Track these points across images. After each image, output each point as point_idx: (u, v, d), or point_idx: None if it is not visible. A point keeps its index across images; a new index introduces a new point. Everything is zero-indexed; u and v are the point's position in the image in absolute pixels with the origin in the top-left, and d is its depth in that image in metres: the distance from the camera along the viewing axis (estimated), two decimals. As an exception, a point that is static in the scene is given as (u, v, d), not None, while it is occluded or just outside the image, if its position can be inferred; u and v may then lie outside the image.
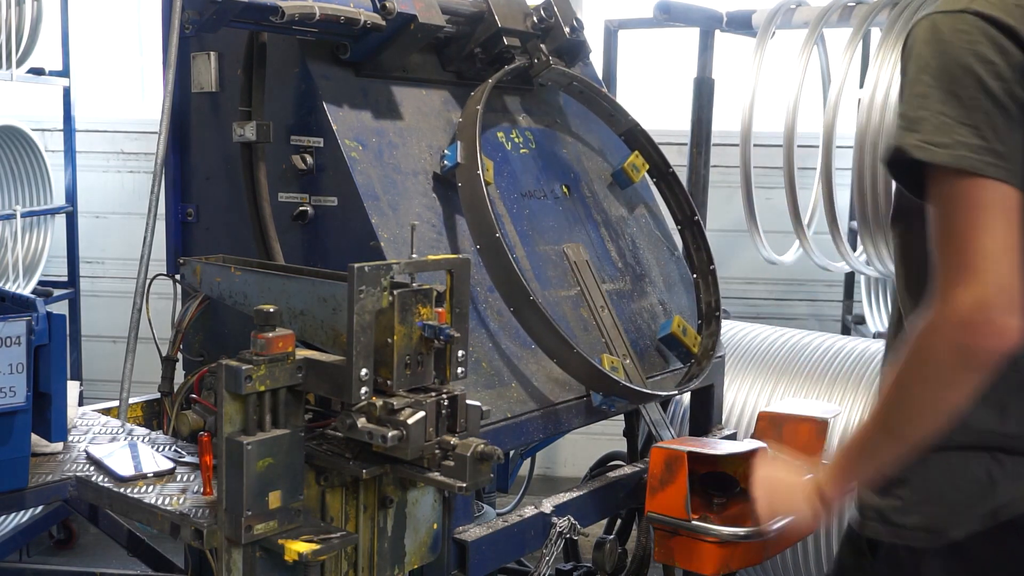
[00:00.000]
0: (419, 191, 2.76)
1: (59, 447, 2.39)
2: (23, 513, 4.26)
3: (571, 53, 3.26)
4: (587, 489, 2.77)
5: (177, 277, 2.71)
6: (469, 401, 2.08)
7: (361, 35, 2.69)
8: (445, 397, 2.03)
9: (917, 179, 1.53)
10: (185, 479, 2.25)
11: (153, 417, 2.92)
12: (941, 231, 1.49)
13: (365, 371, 1.96)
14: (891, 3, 4.00)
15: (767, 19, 4.22)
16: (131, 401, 2.83)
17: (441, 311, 2.08)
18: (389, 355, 1.99)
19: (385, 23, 2.66)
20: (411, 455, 1.96)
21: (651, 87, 5.75)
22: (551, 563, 2.57)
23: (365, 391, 1.97)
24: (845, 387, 3.62)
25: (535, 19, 3.09)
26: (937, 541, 1.64)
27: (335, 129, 2.64)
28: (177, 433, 2.47)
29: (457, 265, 2.14)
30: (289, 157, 2.70)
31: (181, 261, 2.66)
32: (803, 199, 4.35)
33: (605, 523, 3.72)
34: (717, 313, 3.18)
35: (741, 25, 4.38)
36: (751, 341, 4.07)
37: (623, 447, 3.46)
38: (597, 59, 4.10)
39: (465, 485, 1.98)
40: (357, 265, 1.95)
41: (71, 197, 5.06)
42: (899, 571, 1.70)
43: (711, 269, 3.26)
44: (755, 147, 4.26)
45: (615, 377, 2.64)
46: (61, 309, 4.79)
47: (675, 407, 4.03)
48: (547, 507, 2.59)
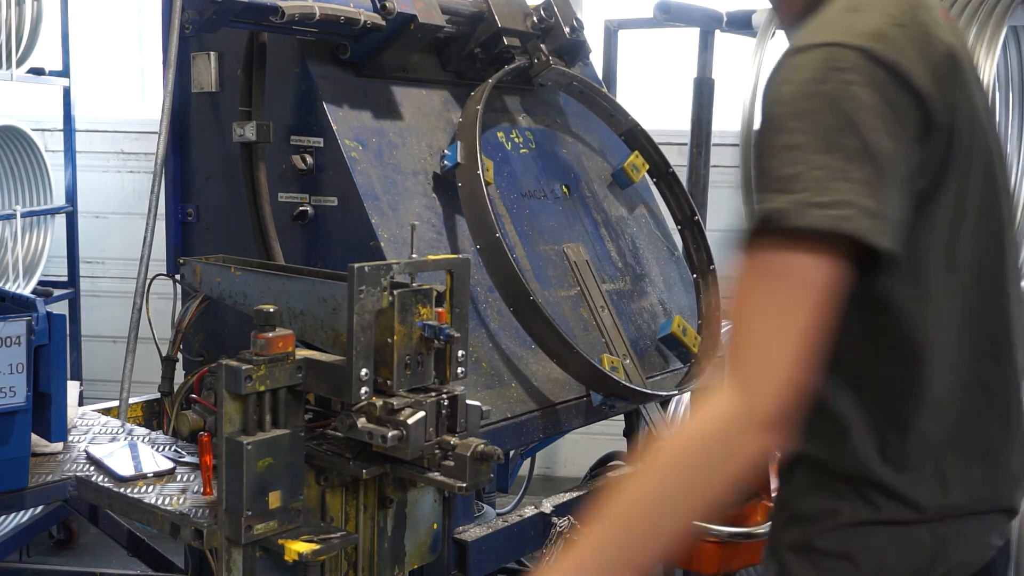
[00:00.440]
0: (419, 191, 2.76)
1: (59, 447, 2.39)
2: (23, 513, 4.26)
3: (571, 53, 3.26)
4: (587, 489, 2.77)
5: (177, 277, 2.71)
6: (469, 401, 2.08)
7: (361, 35, 2.69)
8: (445, 397, 2.03)
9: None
10: (185, 479, 2.25)
11: (153, 417, 2.92)
12: (769, 309, 1.24)
13: (365, 371, 1.96)
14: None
15: (767, 19, 4.22)
16: (131, 401, 2.83)
17: (441, 311, 2.08)
18: (389, 355, 1.99)
19: (385, 23, 2.66)
20: (411, 455, 1.96)
21: (651, 87, 5.75)
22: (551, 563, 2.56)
23: (365, 391, 1.97)
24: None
25: (535, 19, 3.09)
26: None
27: (335, 129, 2.64)
28: (177, 433, 2.47)
29: (457, 265, 2.14)
30: (289, 157, 2.70)
31: (181, 261, 2.66)
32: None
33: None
34: (718, 313, 3.18)
35: (741, 25, 4.38)
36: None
37: (623, 447, 3.46)
38: (597, 59, 4.10)
39: (465, 485, 1.98)
40: (357, 265, 1.95)
41: (71, 197, 5.06)
42: None
43: (711, 269, 3.26)
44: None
45: (615, 377, 2.64)
46: (61, 309, 4.79)
47: (675, 407, 4.03)
48: (547, 507, 2.59)
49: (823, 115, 1.22)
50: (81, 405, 2.88)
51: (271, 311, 1.91)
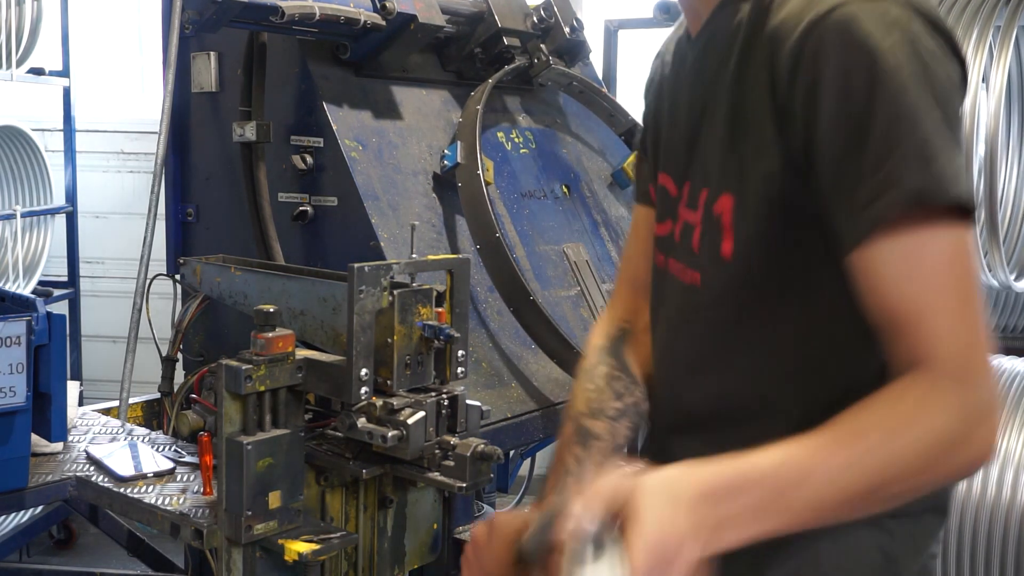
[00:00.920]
0: (419, 191, 2.76)
1: (59, 447, 2.39)
2: (23, 513, 4.26)
3: (571, 53, 3.26)
4: (587, 489, 2.77)
5: (177, 277, 2.71)
6: (469, 401, 2.08)
7: (361, 35, 2.69)
8: (445, 397, 2.03)
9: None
10: (185, 479, 2.25)
11: (153, 417, 2.92)
12: (939, 288, 1.11)
13: (365, 371, 1.96)
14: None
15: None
16: (131, 401, 2.83)
17: (441, 311, 2.08)
18: (389, 355, 1.99)
19: (385, 23, 2.66)
20: (411, 455, 1.96)
21: (651, 87, 5.74)
22: (551, 563, 2.56)
23: (365, 391, 1.97)
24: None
25: (535, 19, 3.09)
26: None
27: (335, 129, 2.64)
28: (177, 433, 2.47)
29: (457, 265, 2.14)
30: (289, 157, 2.70)
31: (181, 261, 2.66)
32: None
33: (605, 523, 3.71)
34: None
35: (741, 25, 4.37)
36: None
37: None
38: (597, 59, 4.10)
39: (465, 485, 1.98)
40: (357, 265, 1.95)
41: (71, 197, 5.06)
42: None
43: (711, 269, 3.25)
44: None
45: (615, 377, 2.63)
46: (61, 309, 4.79)
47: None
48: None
49: (930, 77, 1.12)
50: (81, 405, 2.88)
51: (271, 311, 1.91)
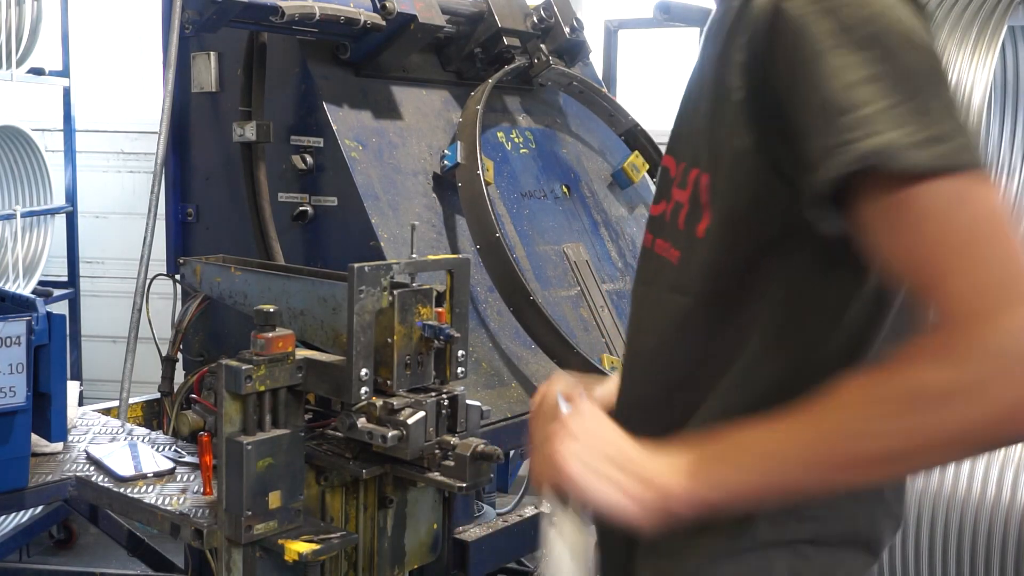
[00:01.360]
0: (419, 191, 2.76)
1: (59, 447, 2.39)
2: (23, 513, 4.26)
3: (571, 53, 3.26)
4: (587, 489, 2.77)
5: (177, 277, 2.71)
6: (469, 401, 2.08)
7: (361, 35, 2.69)
8: (445, 397, 2.03)
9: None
10: (185, 479, 2.25)
11: (153, 417, 2.92)
12: (948, 246, 1.03)
13: (365, 371, 1.96)
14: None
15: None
16: (131, 401, 2.83)
17: (441, 311, 2.08)
18: (389, 355, 1.99)
19: (385, 23, 2.66)
20: (411, 455, 1.96)
21: (651, 87, 5.75)
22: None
23: (365, 391, 1.97)
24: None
25: (535, 19, 3.09)
26: None
27: (335, 129, 2.64)
28: (177, 433, 2.47)
29: (457, 265, 2.14)
30: (289, 157, 2.70)
31: (181, 261, 2.66)
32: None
33: (605, 523, 3.71)
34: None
35: (741, 25, 4.37)
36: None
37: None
38: (597, 59, 4.10)
39: (465, 485, 1.98)
40: (357, 265, 1.95)
41: (71, 197, 5.06)
42: None
43: (711, 269, 3.26)
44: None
45: (615, 377, 2.63)
46: (61, 309, 4.79)
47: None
48: (547, 507, 2.59)
49: (897, 46, 1.07)
50: (81, 405, 2.88)
51: (271, 311, 1.91)
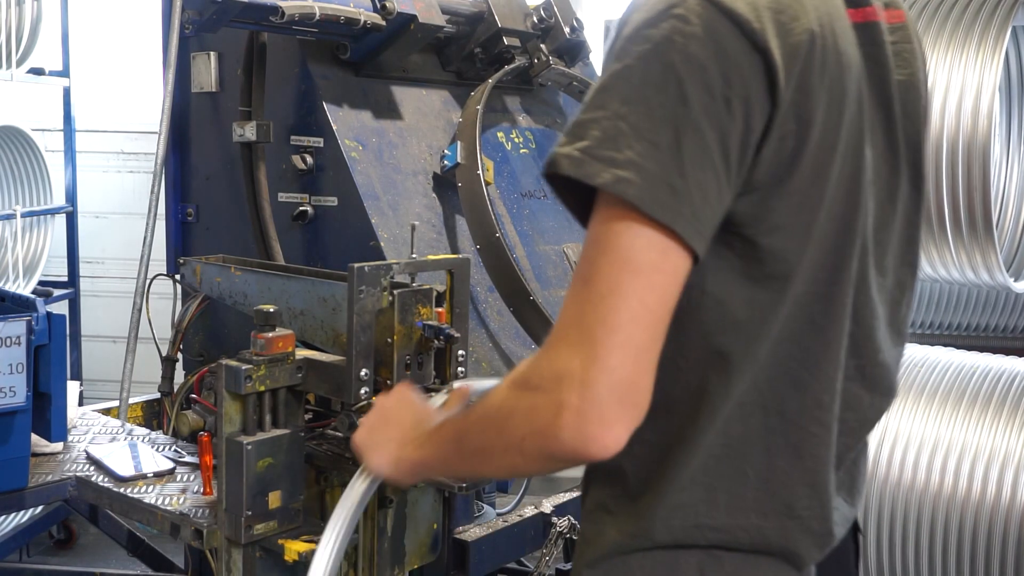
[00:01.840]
0: (419, 191, 2.76)
1: (59, 447, 2.40)
2: (23, 513, 4.26)
3: (571, 53, 3.26)
4: (587, 489, 2.77)
5: (177, 277, 2.71)
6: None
7: (361, 35, 2.69)
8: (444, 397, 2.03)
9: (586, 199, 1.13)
10: (185, 479, 2.25)
11: (153, 417, 2.92)
12: (577, 273, 1.11)
13: (365, 371, 1.96)
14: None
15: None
16: (131, 401, 2.83)
17: (441, 311, 2.08)
18: (389, 355, 1.99)
19: (385, 23, 2.66)
20: (411, 455, 1.96)
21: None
22: (551, 563, 2.57)
23: (365, 391, 1.97)
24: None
25: (535, 19, 3.09)
26: None
27: (335, 129, 2.64)
28: (177, 433, 2.47)
29: (457, 265, 2.14)
30: (289, 157, 2.70)
31: (181, 261, 2.66)
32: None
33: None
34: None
35: (741, 25, 4.37)
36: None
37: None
38: (597, 59, 4.10)
39: (465, 485, 1.98)
40: (357, 265, 1.95)
41: (71, 197, 5.06)
42: None
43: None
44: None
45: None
46: (61, 309, 4.79)
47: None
48: (547, 507, 2.59)
49: (642, 63, 1.08)
50: (81, 405, 2.88)
51: (271, 311, 1.91)
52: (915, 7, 3.89)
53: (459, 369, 2.12)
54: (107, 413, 2.79)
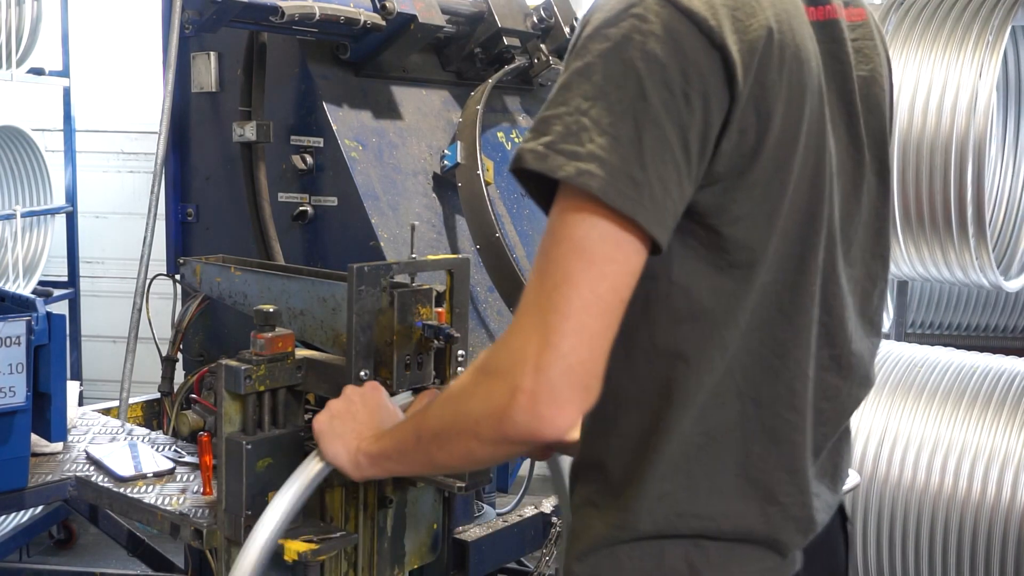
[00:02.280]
0: (419, 191, 2.76)
1: (59, 447, 2.40)
2: (23, 513, 4.26)
3: (571, 53, 3.26)
4: (587, 489, 2.77)
5: (177, 277, 2.71)
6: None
7: (361, 35, 2.69)
8: (445, 397, 2.04)
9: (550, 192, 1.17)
10: (185, 479, 2.25)
11: (153, 417, 2.92)
12: (537, 261, 1.15)
13: (365, 371, 1.96)
14: (894, 4, 4.00)
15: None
16: (131, 401, 2.83)
17: (441, 311, 2.08)
18: (389, 355, 1.99)
19: (385, 23, 2.66)
20: (411, 455, 1.96)
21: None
22: (551, 563, 2.57)
23: (365, 391, 1.97)
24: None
25: (535, 19, 3.09)
26: None
27: (335, 129, 2.64)
28: (177, 433, 2.47)
29: (457, 265, 2.14)
30: (289, 157, 2.70)
31: (181, 261, 2.66)
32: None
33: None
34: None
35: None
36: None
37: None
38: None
39: (465, 485, 1.98)
40: (357, 265, 1.95)
41: (71, 197, 5.06)
42: None
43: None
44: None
45: (615, 377, 2.63)
46: (61, 309, 4.79)
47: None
48: (547, 507, 2.59)
49: (601, 61, 1.12)
50: (81, 405, 2.88)
51: (271, 311, 1.91)
52: (915, 6, 3.90)
53: (459, 369, 2.12)
54: (107, 413, 2.79)
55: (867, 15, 1.40)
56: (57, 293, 4.95)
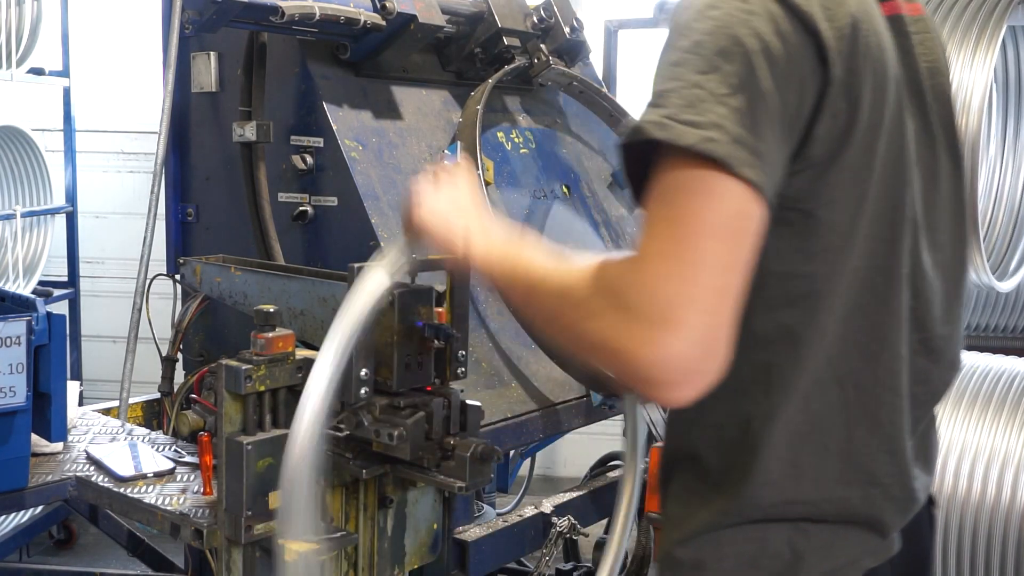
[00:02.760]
0: (419, 191, 2.76)
1: (59, 447, 2.39)
2: (23, 513, 4.26)
3: (571, 53, 3.26)
4: (587, 489, 2.77)
5: (177, 277, 2.71)
6: (469, 401, 2.07)
7: (361, 35, 2.69)
8: (445, 397, 2.03)
9: (647, 162, 1.19)
10: (185, 479, 2.25)
11: (153, 417, 2.92)
12: (664, 211, 1.15)
13: (365, 371, 1.96)
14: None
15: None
16: (131, 401, 2.83)
17: (441, 311, 2.08)
18: (389, 355, 1.99)
19: (385, 23, 2.66)
20: (411, 455, 1.96)
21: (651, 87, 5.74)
22: (551, 563, 2.57)
23: (365, 391, 1.97)
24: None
25: (535, 19, 3.09)
26: None
27: (335, 129, 2.64)
28: (177, 433, 2.48)
29: (457, 265, 2.14)
30: (289, 157, 2.70)
31: (181, 261, 2.66)
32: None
33: (605, 523, 3.72)
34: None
35: (741, 25, 4.38)
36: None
37: (623, 447, 3.46)
38: (597, 59, 4.10)
39: (465, 485, 1.98)
40: (357, 265, 1.94)
41: (71, 197, 5.06)
42: None
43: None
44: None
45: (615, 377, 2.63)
46: (61, 309, 4.79)
47: (675, 407, 4.02)
48: (547, 507, 2.59)
49: (711, 38, 1.17)
50: (81, 405, 2.88)
51: (271, 311, 1.91)
52: (915, 7, 3.88)
53: (459, 369, 2.12)
54: (107, 413, 2.79)
55: (923, 10, 1.45)
56: (57, 293, 4.95)
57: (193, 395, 2.47)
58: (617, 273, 1.16)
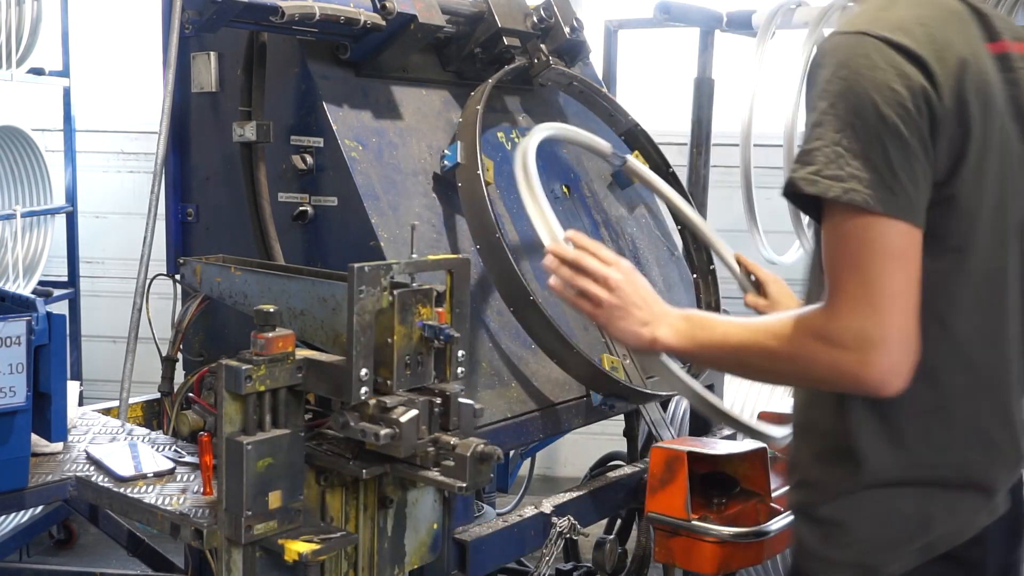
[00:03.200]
0: (419, 191, 2.76)
1: (59, 447, 2.39)
2: (23, 513, 4.27)
3: (571, 53, 3.26)
4: (587, 489, 2.77)
5: (177, 277, 2.71)
6: (461, 399, 2.07)
7: (361, 35, 2.69)
8: (437, 395, 2.03)
9: (818, 207, 1.52)
10: (185, 479, 2.25)
11: (153, 417, 2.92)
12: (839, 258, 1.48)
13: (365, 371, 1.96)
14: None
15: (767, 19, 4.22)
16: (131, 401, 2.83)
17: (441, 311, 2.08)
18: (389, 355, 1.99)
19: (385, 23, 2.66)
20: (404, 452, 1.96)
21: (651, 87, 5.75)
22: (551, 563, 2.57)
23: (365, 391, 1.97)
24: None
25: (535, 19, 3.09)
26: None
27: (335, 129, 2.64)
28: (177, 433, 2.48)
29: (457, 265, 2.14)
30: (289, 157, 2.70)
31: (181, 261, 2.66)
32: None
33: (605, 523, 3.72)
34: (717, 313, 3.17)
35: (741, 25, 4.37)
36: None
37: (623, 447, 3.46)
38: (597, 59, 4.10)
39: (465, 485, 1.98)
40: (357, 265, 1.95)
41: (71, 197, 5.07)
42: None
43: (711, 269, 3.26)
44: (755, 147, 4.25)
45: (615, 377, 2.64)
46: (61, 309, 4.79)
47: (675, 407, 4.03)
48: (547, 507, 2.59)
49: (843, 99, 1.44)
50: (81, 405, 2.88)
51: (271, 311, 1.91)
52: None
53: (459, 369, 2.12)
54: (107, 413, 2.79)
55: None
56: (57, 293, 4.95)
57: (193, 395, 2.47)
58: (822, 323, 1.49)
